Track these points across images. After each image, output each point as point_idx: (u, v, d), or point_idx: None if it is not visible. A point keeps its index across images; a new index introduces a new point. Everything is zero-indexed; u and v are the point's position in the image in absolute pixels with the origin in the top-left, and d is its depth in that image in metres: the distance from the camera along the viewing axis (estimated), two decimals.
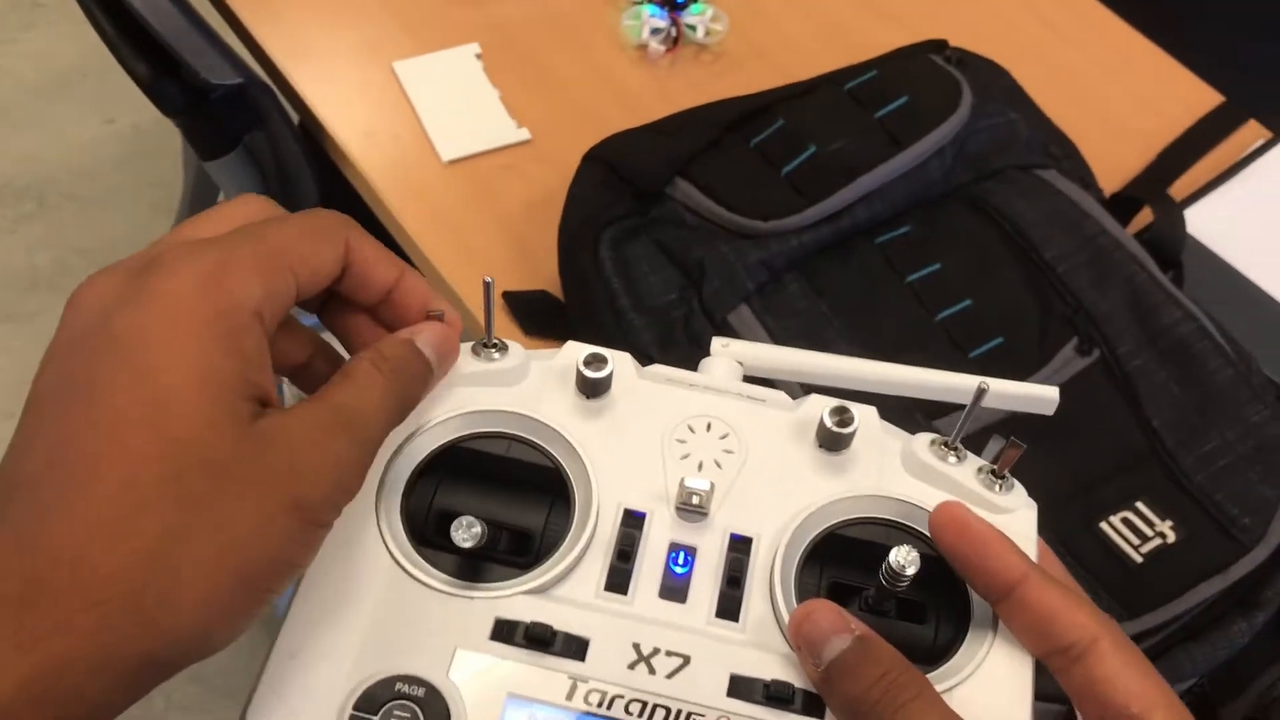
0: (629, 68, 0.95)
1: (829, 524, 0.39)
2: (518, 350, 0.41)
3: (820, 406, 0.40)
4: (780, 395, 0.42)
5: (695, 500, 0.38)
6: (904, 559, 0.35)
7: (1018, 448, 0.38)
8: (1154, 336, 0.71)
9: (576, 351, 0.41)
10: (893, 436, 0.41)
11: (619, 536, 0.38)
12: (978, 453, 0.41)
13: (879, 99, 0.77)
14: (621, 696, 0.35)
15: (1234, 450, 0.67)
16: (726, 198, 0.74)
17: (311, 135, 0.92)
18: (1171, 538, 0.65)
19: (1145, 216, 0.84)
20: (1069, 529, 0.65)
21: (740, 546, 0.38)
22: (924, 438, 0.40)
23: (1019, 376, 0.70)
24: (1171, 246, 0.77)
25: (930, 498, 0.38)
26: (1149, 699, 0.33)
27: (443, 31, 0.95)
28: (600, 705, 0.34)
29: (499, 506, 0.38)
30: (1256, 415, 0.68)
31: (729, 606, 0.37)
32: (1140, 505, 0.66)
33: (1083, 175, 0.80)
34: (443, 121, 0.88)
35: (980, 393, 0.38)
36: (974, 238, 0.75)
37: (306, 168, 0.92)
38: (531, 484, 0.39)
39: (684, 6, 0.96)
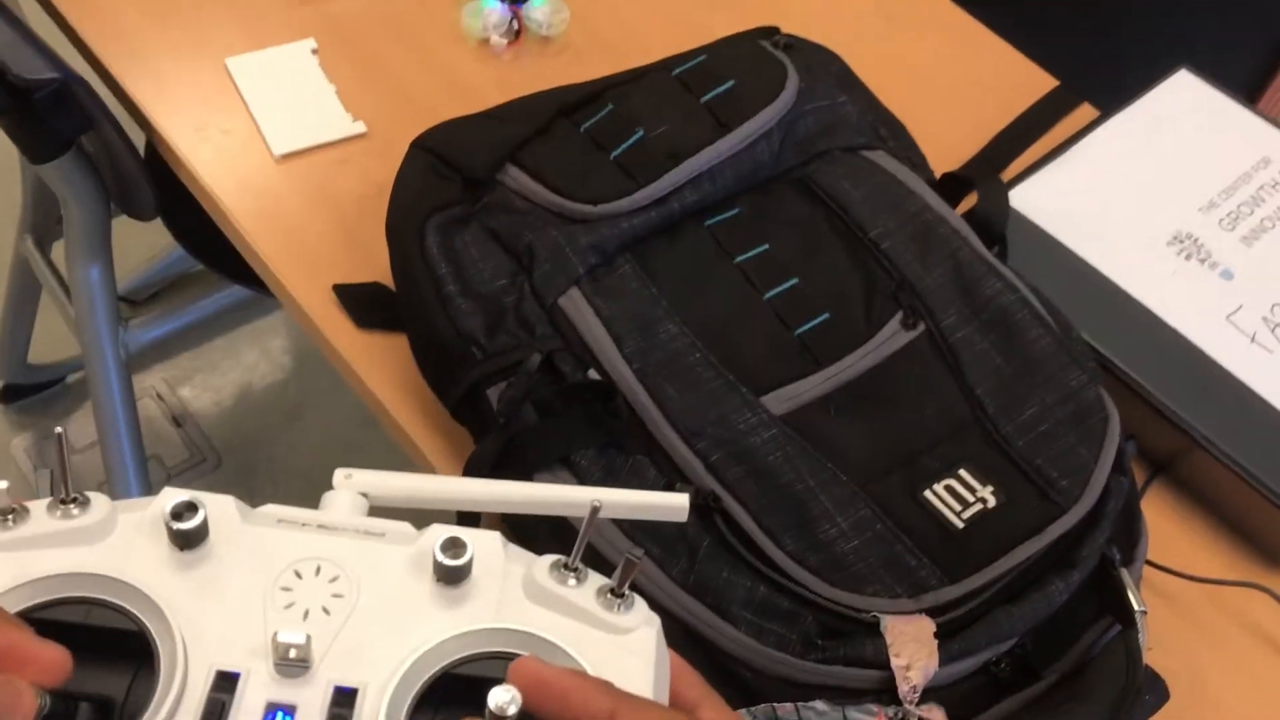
0: (471, 62, 0.95)
1: (443, 664, 0.37)
2: (101, 503, 0.38)
3: (436, 538, 0.39)
4: (402, 528, 0.41)
5: (292, 654, 0.36)
6: (504, 700, 0.34)
7: (635, 563, 0.38)
8: (977, 308, 0.72)
9: (167, 500, 0.38)
10: (516, 562, 0.40)
11: (207, 701, 0.35)
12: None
13: (706, 84, 0.77)
14: None
15: (1053, 415, 0.69)
16: (556, 182, 0.74)
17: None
18: (992, 502, 0.66)
19: (975, 198, 0.85)
20: (893, 499, 0.65)
21: (344, 700, 0.36)
22: (545, 561, 0.40)
23: (847, 350, 0.71)
24: (996, 222, 0.79)
25: (551, 625, 0.38)
26: None
27: (278, 27, 0.94)
28: None
29: (77, 678, 0.34)
30: (1074, 380, 0.70)
31: None
32: (963, 472, 0.67)
33: (910, 156, 0.81)
34: (276, 116, 0.87)
35: (594, 511, 0.38)
36: (801, 218, 0.75)
37: (139, 168, 0.90)
38: (115, 652, 0.36)
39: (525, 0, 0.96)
